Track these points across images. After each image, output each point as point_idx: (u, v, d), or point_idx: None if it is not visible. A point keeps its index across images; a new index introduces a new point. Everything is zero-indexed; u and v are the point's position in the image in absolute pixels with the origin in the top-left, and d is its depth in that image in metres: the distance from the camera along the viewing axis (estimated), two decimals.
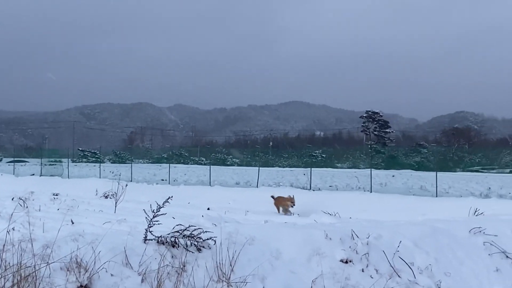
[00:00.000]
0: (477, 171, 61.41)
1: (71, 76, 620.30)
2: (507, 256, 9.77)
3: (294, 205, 24.19)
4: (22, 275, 6.46)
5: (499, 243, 9.98)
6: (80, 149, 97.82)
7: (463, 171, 61.59)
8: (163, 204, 7.95)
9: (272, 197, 26.02)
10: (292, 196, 24.59)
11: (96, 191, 32.10)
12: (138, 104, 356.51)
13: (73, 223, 18.13)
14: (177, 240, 7.69)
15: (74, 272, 6.65)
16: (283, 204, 24.93)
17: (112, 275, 6.89)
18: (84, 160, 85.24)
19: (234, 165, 72.42)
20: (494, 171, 62.26)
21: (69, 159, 60.70)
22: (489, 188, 36.02)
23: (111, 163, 78.52)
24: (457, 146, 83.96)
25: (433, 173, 34.95)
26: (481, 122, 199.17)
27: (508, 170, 60.42)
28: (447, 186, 36.91)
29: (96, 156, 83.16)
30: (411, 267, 8.75)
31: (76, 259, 6.80)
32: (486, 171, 61.61)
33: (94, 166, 62.09)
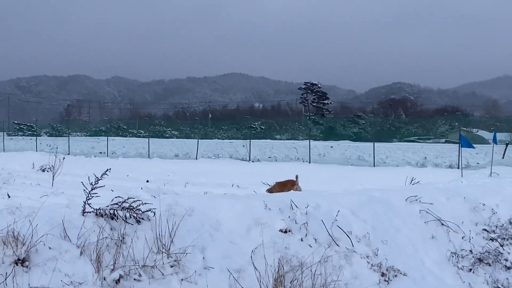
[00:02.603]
0: (413, 141, 62.44)
1: (5, 48, 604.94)
2: (442, 224, 9.98)
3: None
4: None
5: (434, 211, 10.19)
6: (16, 122, 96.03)
7: (400, 141, 62.59)
8: (101, 176, 7.86)
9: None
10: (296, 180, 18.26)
11: (33, 164, 31.57)
12: (75, 77, 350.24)
13: (9, 196, 17.85)
14: (116, 212, 7.62)
15: (11, 245, 6.55)
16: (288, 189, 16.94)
17: (50, 248, 6.81)
18: (20, 133, 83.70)
19: (173, 138, 72.06)
20: (430, 141, 63.46)
21: (5, 133, 59.52)
22: (425, 157, 36.70)
23: (48, 136, 77.28)
24: (394, 116, 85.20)
25: (371, 144, 35.38)
26: (417, 93, 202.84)
27: (443, 140, 61.67)
28: (385, 156, 37.51)
29: (33, 129, 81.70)
30: (349, 236, 8.86)
31: (13, 232, 6.69)
32: (422, 141, 62.71)
33: (31, 139, 61.02)
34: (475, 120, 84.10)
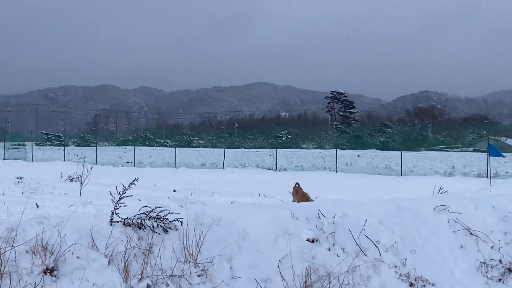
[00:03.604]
0: (441, 150, 62.08)
1: (33, 59, 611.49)
2: (471, 233, 9.88)
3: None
4: None
5: (463, 220, 10.10)
6: (44, 132, 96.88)
7: (427, 150, 62.26)
8: (129, 185, 7.90)
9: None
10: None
11: (61, 174, 31.83)
12: (102, 87, 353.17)
13: (38, 206, 18.00)
14: (143, 222, 7.66)
15: (39, 255, 6.60)
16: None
17: (78, 257, 6.86)
18: (48, 143, 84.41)
19: (199, 147, 72.28)
20: (458, 149, 63.00)
21: (33, 143, 60.02)
22: (453, 166, 36.51)
23: (76, 146, 78.06)
24: (421, 125, 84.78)
25: (398, 153, 35.28)
26: (444, 101, 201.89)
27: (471, 149, 61.15)
28: (412, 165, 37.33)
29: (60, 139, 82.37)
30: (377, 245, 8.82)
31: (41, 242, 6.75)
32: (450, 149, 62.31)
33: (59, 149, 61.65)
34: (504, 128, 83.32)
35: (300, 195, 18.09)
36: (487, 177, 26.80)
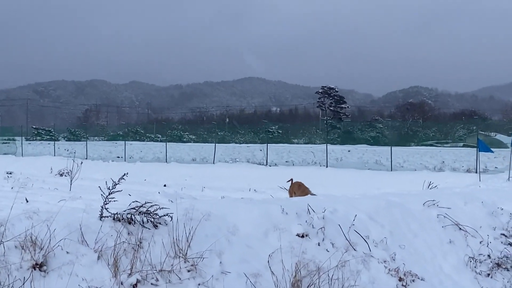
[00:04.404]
0: (431, 145, 62.18)
1: (23, 53, 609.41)
2: (460, 228, 9.91)
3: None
4: None
5: (452, 215, 10.13)
6: (34, 127, 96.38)
7: (417, 145, 62.33)
8: (118, 180, 7.88)
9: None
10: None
11: (51, 169, 31.76)
12: (93, 81, 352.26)
13: (27, 201, 17.95)
14: (133, 217, 7.64)
15: (29, 250, 6.59)
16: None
17: (67, 252, 6.84)
18: (38, 138, 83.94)
19: (190, 142, 72.12)
20: (448, 145, 63.13)
21: (23, 137, 59.67)
22: (443, 161, 36.59)
23: (66, 140, 77.71)
24: (412, 120, 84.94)
25: (388, 148, 35.37)
26: (435, 96, 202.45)
27: (461, 144, 61.30)
28: (402, 160, 37.40)
29: (51, 134, 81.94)
30: (367, 240, 8.83)
31: (30, 237, 6.73)
32: (440, 145, 62.44)
33: (49, 144, 61.37)
34: (493, 124, 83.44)
35: (302, 189, 18.30)
36: (476, 172, 26.86)
